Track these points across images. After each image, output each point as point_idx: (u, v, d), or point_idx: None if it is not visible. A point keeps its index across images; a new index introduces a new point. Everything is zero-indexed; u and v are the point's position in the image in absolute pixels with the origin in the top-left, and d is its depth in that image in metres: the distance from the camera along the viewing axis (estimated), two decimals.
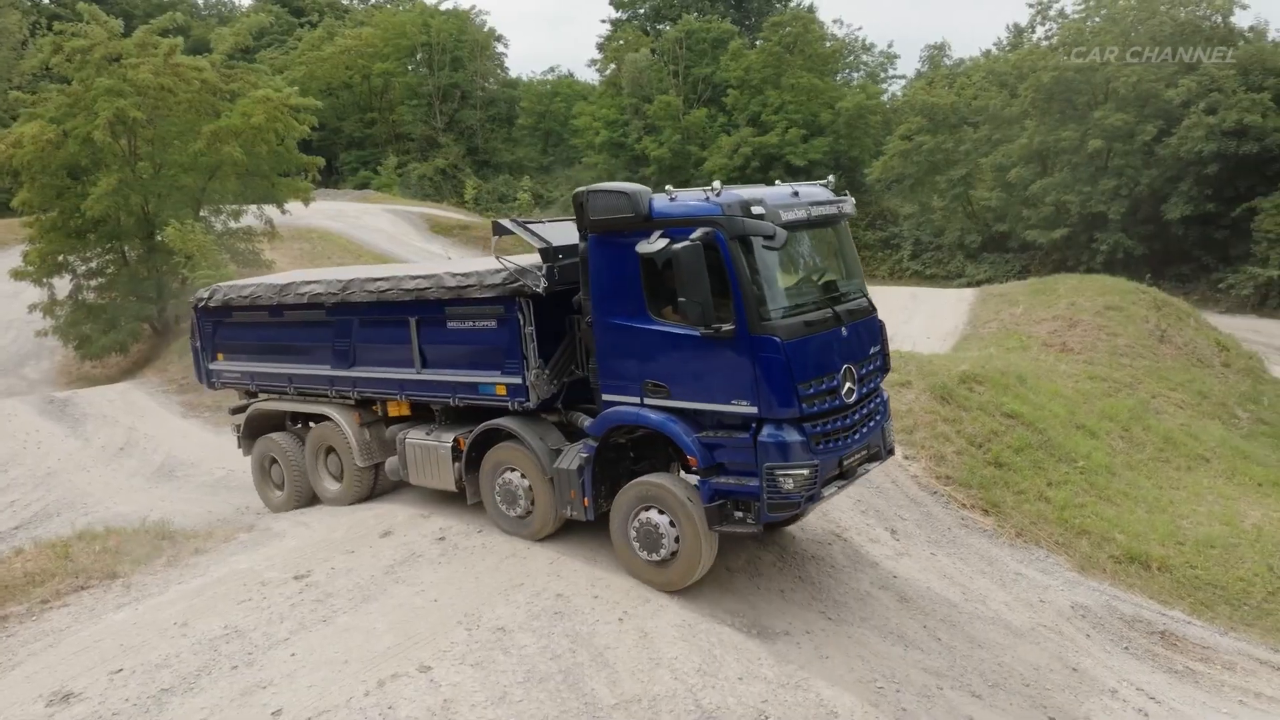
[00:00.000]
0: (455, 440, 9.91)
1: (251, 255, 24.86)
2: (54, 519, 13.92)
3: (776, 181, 9.64)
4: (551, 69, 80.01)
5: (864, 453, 8.63)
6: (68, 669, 7.61)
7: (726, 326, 7.57)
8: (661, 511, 8.30)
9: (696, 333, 7.74)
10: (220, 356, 12.40)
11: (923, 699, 7.74)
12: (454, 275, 9.38)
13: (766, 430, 7.69)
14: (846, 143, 50.84)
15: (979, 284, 37.23)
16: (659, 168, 51.94)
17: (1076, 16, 41.99)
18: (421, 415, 10.66)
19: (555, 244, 8.92)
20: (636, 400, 8.36)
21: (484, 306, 9.24)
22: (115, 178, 22.11)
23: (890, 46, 78.52)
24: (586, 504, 8.81)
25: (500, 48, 70.86)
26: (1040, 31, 45.06)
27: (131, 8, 55.69)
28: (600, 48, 65.89)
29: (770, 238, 7.49)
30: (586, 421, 8.94)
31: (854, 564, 10.00)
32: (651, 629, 7.93)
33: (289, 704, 6.92)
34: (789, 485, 7.68)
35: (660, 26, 64.12)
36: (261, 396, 12.24)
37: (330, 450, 11.28)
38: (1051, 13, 43.69)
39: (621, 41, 61.19)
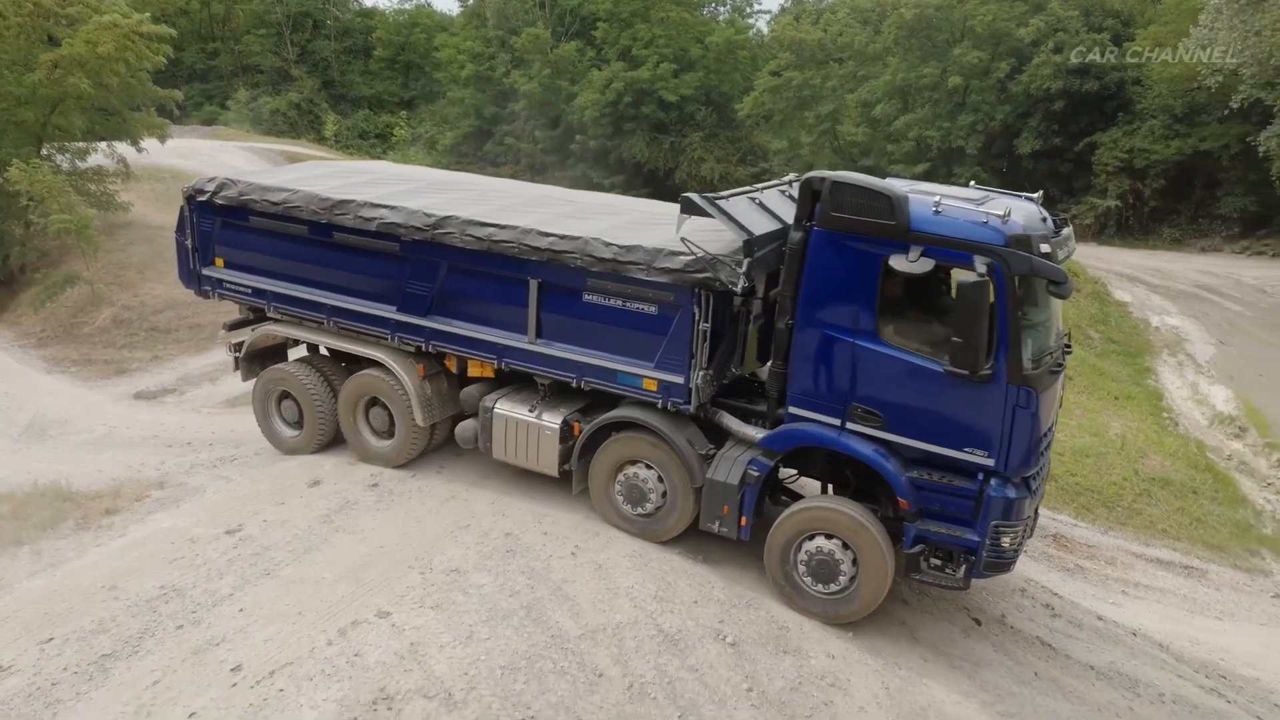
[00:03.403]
0: (568, 423, 8.77)
1: (105, 197, 23.00)
2: None
3: (971, 183, 8.45)
4: None
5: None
6: None
7: (986, 371, 6.76)
8: (846, 546, 7.55)
9: (938, 367, 6.94)
10: (220, 262, 10.29)
11: None
12: (608, 245, 7.92)
13: (995, 484, 7.05)
14: (717, 78, 50.96)
15: None
16: (529, 102, 50.85)
17: None
18: (507, 377, 9.26)
19: (756, 232, 7.62)
20: (835, 422, 7.48)
21: (647, 289, 7.87)
22: None
23: None
24: (744, 523, 7.92)
25: None
26: None
27: None
28: None
29: (1059, 284, 6.59)
30: (737, 424, 8.09)
31: None
32: (605, 561, 8.10)
33: (248, 659, 6.76)
34: (1007, 543, 7.16)
35: None
36: (274, 313, 10.23)
37: (375, 402, 9.83)
38: None
39: None
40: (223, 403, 16.35)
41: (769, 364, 7.98)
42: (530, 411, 8.89)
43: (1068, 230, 7.59)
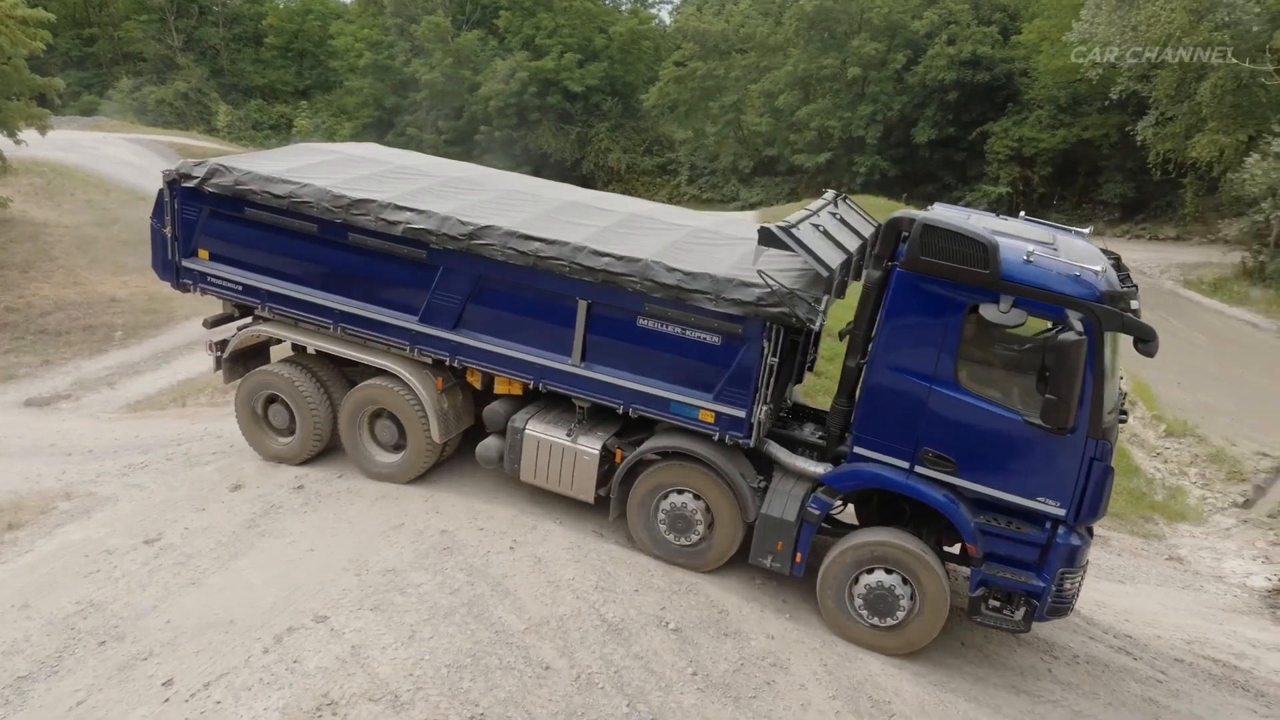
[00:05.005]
0: (608, 449, 8.36)
1: None
2: None
3: (1021, 213, 8.31)
4: None
5: None
6: None
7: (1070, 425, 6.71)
8: (906, 580, 7.51)
9: (1018, 416, 6.94)
10: (203, 254, 9.27)
11: (798, 591, 8.44)
12: (671, 270, 7.45)
13: (1063, 533, 7.11)
14: (621, 68, 51.16)
15: (752, 206, 39.19)
16: (431, 92, 49.97)
17: None
18: (533, 393, 8.60)
19: (833, 266, 7.34)
20: (904, 465, 7.39)
21: (711, 319, 7.47)
22: None
23: None
24: (799, 560, 7.79)
25: None
26: None
27: None
28: None
29: (1147, 341, 6.55)
30: (787, 456, 7.93)
31: None
32: (544, 554, 8.07)
33: (179, 672, 6.51)
34: (1069, 587, 7.25)
35: None
36: (266, 313, 9.28)
37: (382, 413, 9.18)
38: None
39: None
40: (123, 407, 15.61)
41: (798, 385, 8.10)
42: (566, 435, 8.46)
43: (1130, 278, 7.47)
